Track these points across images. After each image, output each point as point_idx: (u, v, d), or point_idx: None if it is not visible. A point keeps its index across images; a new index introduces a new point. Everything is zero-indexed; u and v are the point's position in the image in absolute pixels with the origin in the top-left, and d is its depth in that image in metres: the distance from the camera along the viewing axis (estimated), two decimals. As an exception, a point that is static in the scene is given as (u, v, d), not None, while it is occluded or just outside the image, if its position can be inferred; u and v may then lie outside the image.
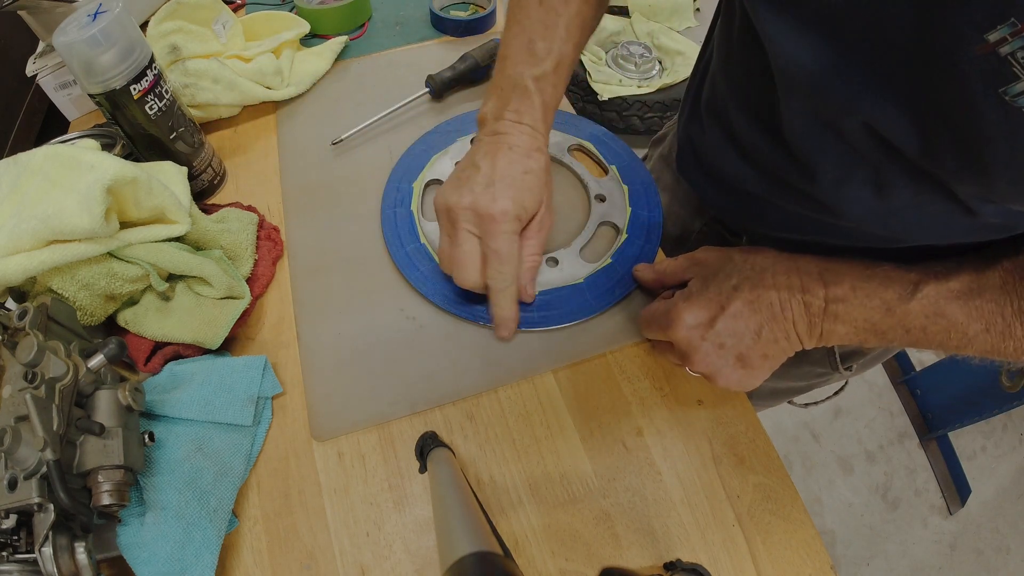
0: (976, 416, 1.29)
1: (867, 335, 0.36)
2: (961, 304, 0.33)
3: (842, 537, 1.29)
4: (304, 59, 0.65)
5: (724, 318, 0.37)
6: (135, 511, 0.36)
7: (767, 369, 0.38)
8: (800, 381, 0.64)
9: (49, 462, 0.30)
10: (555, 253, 0.49)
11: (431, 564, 0.37)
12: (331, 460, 0.41)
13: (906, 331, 0.35)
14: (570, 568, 0.37)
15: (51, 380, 0.32)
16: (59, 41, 0.41)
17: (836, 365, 0.57)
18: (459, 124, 0.59)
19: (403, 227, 0.51)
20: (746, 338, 0.37)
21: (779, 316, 0.37)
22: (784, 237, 0.45)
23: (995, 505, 1.35)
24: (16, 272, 0.36)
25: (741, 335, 0.37)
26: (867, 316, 0.35)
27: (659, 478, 0.40)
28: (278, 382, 0.44)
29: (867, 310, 0.35)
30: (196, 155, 0.53)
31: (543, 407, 0.43)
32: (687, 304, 0.39)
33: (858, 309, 0.35)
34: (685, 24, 1.75)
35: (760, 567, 0.37)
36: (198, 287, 0.44)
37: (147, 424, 0.39)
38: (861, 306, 0.35)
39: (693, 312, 0.38)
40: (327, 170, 0.57)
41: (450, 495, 0.30)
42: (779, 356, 0.38)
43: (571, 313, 0.46)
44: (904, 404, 1.48)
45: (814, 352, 0.56)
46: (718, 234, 0.57)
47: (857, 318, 0.35)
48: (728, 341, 0.38)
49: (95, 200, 0.36)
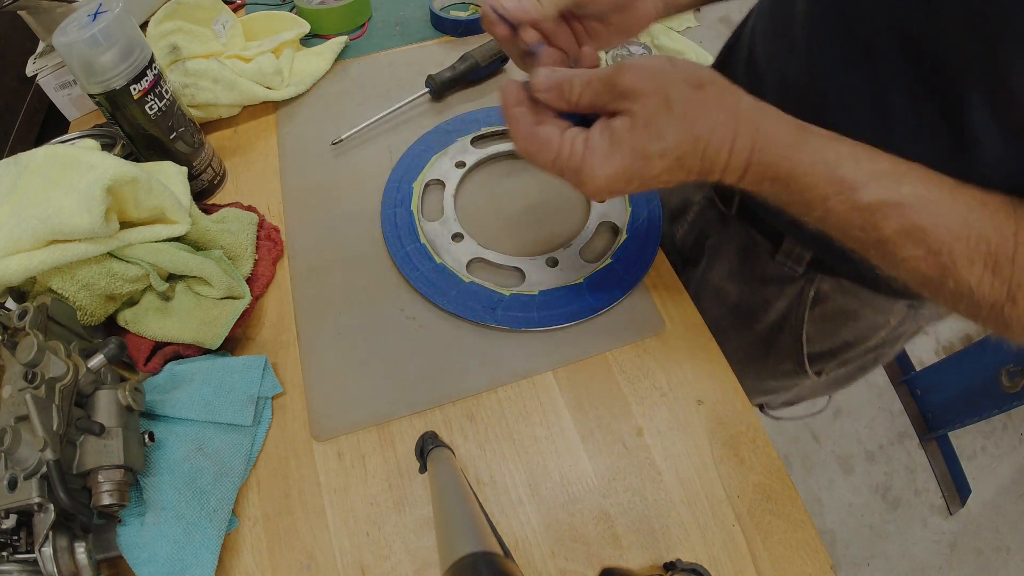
0: (976, 416, 1.29)
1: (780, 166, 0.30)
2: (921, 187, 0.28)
3: (842, 537, 1.29)
4: (304, 59, 0.65)
5: (642, 182, 0.31)
6: (135, 511, 0.36)
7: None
8: (768, 380, 0.62)
9: (49, 462, 0.30)
10: (555, 253, 0.49)
11: (431, 564, 0.37)
12: (331, 460, 0.41)
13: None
14: (570, 568, 0.37)
15: (51, 380, 0.32)
16: (59, 41, 0.41)
17: (803, 363, 0.55)
18: (459, 124, 0.59)
19: (403, 227, 0.51)
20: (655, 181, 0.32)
21: (694, 174, 0.31)
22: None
23: (995, 505, 1.35)
24: (16, 272, 0.36)
25: (650, 185, 0.32)
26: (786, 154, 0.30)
27: (659, 478, 0.40)
28: (278, 382, 0.44)
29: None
30: (196, 155, 0.53)
31: (543, 407, 0.43)
32: (604, 163, 0.31)
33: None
34: (685, 24, 1.75)
35: (760, 567, 0.37)
36: (198, 287, 0.44)
37: (147, 424, 0.39)
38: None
39: (610, 176, 0.31)
40: (327, 170, 0.57)
41: (450, 495, 0.30)
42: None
43: (571, 313, 0.46)
44: (904, 404, 1.48)
45: (780, 345, 0.55)
46: (715, 209, 0.56)
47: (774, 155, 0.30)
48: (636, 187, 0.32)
49: (95, 200, 0.36)
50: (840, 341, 0.53)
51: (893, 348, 0.53)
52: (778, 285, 0.52)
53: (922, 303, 0.48)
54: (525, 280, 0.48)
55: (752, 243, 0.53)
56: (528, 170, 0.57)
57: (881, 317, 0.49)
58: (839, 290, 0.49)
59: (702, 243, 0.60)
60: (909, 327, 0.50)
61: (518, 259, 0.49)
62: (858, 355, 0.55)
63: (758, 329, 0.56)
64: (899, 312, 0.49)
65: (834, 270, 0.48)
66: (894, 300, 0.48)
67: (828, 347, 0.54)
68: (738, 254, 0.55)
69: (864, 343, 0.52)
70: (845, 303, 0.49)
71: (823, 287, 0.49)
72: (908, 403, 1.47)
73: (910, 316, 0.49)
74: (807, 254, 0.48)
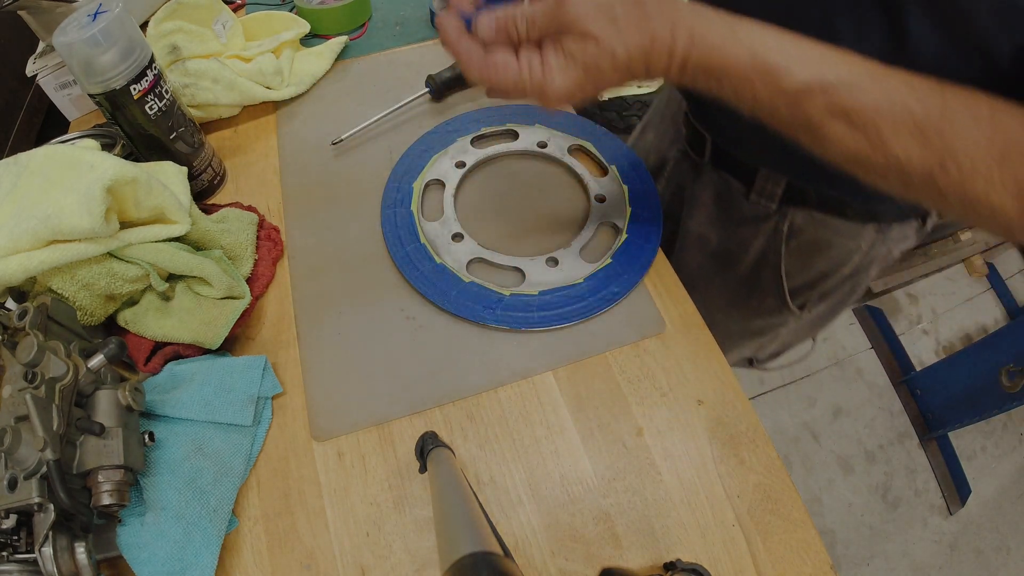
0: (976, 416, 1.29)
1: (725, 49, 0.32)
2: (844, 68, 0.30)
3: (842, 537, 1.29)
4: (304, 59, 0.65)
5: (597, 88, 0.34)
6: (135, 511, 0.36)
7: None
8: (754, 319, 0.64)
9: (49, 462, 0.30)
10: (555, 253, 0.49)
11: (431, 564, 0.37)
12: (331, 460, 0.41)
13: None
14: (570, 568, 0.37)
15: (51, 380, 0.32)
16: (59, 41, 0.41)
17: (784, 298, 0.58)
18: (459, 124, 0.59)
19: (403, 227, 0.51)
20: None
21: (640, 76, 0.34)
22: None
23: (995, 505, 1.35)
24: (16, 272, 0.36)
25: (603, 88, 0.35)
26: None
27: (659, 478, 0.40)
28: (278, 382, 0.44)
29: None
30: (196, 155, 0.53)
31: (543, 407, 0.43)
32: (563, 78, 0.33)
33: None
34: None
35: (760, 567, 0.37)
36: (198, 287, 0.44)
37: (147, 424, 0.39)
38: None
39: (570, 88, 0.34)
40: (327, 170, 0.57)
41: (450, 495, 0.30)
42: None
43: (571, 313, 0.46)
44: (904, 404, 1.48)
45: (762, 283, 0.59)
46: (690, 160, 0.60)
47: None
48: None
49: (95, 200, 0.36)
50: (817, 271, 0.56)
51: (867, 274, 0.57)
52: (754, 224, 0.56)
53: (889, 226, 0.52)
54: (525, 280, 0.48)
55: (727, 188, 0.56)
56: (528, 170, 0.57)
57: (852, 243, 0.53)
58: (811, 222, 0.52)
59: (680, 196, 0.63)
60: (879, 251, 0.54)
61: (518, 259, 0.49)
62: (835, 285, 0.58)
63: (740, 271, 0.60)
64: (868, 236, 0.52)
65: (804, 200, 0.51)
66: (862, 225, 0.51)
67: (807, 279, 0.57)
68: (715, 200, 0.59)
69: (839, 271, 0.56)
70: (818, 233, 0.53)
71: (796, 220, 0.53)
72: (908, 403, 1.47)
73: (879, 240, 0.52)
74: (779, 189, 0.52)
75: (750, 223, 0.56)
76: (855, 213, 0.50)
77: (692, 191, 0.61)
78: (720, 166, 0.56)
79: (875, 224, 0.51)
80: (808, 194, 0.51)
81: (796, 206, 0.52)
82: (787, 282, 0.57)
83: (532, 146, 0.57)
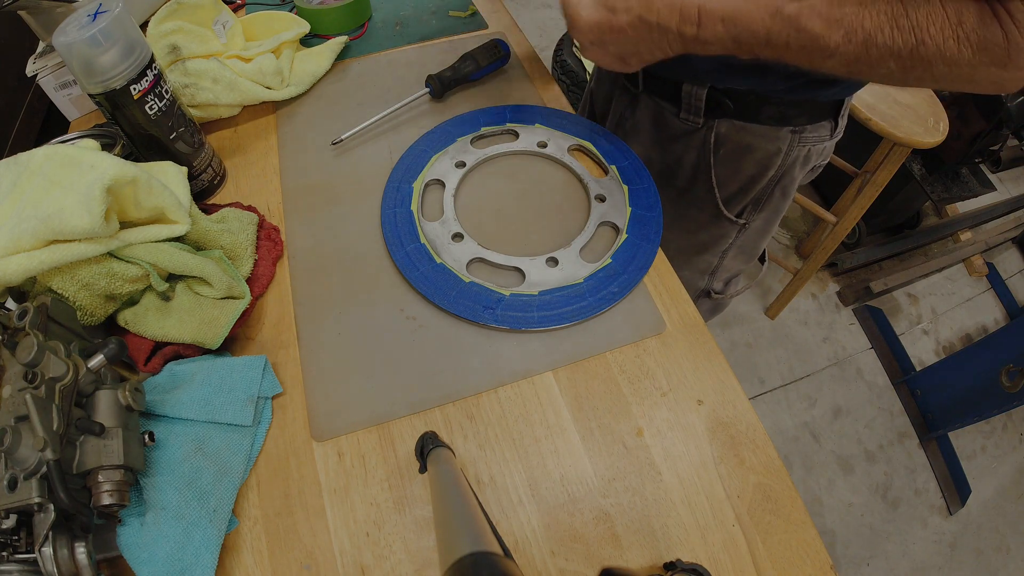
0: (976, 416, 1.29)
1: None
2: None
3: (842, 537, 1.29)
4: (304, 59, 0.65)
5: (615, 34, 0.45)
6: (135, 511, 0.36)
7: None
8: (698, 232, 0.71)
9: (49, 462, 0.30)
10: (555, 253, 0.49)
11: (431, 564, 0.37)
12: (331, 460, 0.41)
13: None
14: (570, 568, 0.37)
15: (51, 380, 0.32)
16: (59, 41, 0.41)
17: (718, 206, 0.66)
18: (459, 124, 0.59)
19: (403, 227, 0.51)
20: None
21: (655, 31, 0.44)
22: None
23: (995, 505, 1.36)
24: (16, 272, 0.36)
25: (624, 41, 0.46)
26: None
27: (659, 478, 0.40)
28: (278, 382, 0.44)
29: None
30: (196, 155, 0.53)
31: (543, 407, 0.43)
32: (585, 11, 0.45)
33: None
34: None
35: (760, 567, 0.37)
36: (198, 287, 0.44)
37: (147, 424, 0.39)
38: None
39: (590, 23, 0.45)
40: (327, 170, 0.57)
41: (450, 495, 0.30)
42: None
43: (571, 313, 0.46)
44: (904, 404, 1.48)
45: (698, 194, 0.67)
46: (629, 93, 0.68)
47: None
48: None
49: (95, 200, 0.36)
50: (745, 176, 0.63)
51: (791, 177, 0.64)
52: (686, 139, 0.63)
53: (803, 128, 0.59)
54: (525, 280, 0.48)
55: (659, 111, 0.64)
56: (528, 170, 0.57)
57: (772, 145, 0.60)
58: (733, 130, 0.59)
59: (624, 126, 0.71)
60: (798, 152, 0.61)
61: (518, 259, 0.49)
62: (765, 190, 0.65)
63: (679, 185, 0.68)
64: (784, 137, 0.59)
65: (724, 111, 0.58)
66: (778, 128, 0.58)
67: (737, 187, 0.64)
68: (652, 123, 0.66)
69: (765, 175, 0.62)
70: (740, 139, 0.60)
71: (720, 130, 0.60)
72: (908, 403, 1.47)
73: (795, 141, 0.59)
74: (701, 103, 0.59)
75: (682, 138, 0.64)
76: (769, 118, 0.57)
77: (633, 120, 0.68)
78: (652, 92, 0.64)
79: (789, 127, 0.58)
80: (726, 105, 0.57)
81: (719, 117, 0.59)
82: (721, 191, 0.65)
83: (532, 146, 0.57)
